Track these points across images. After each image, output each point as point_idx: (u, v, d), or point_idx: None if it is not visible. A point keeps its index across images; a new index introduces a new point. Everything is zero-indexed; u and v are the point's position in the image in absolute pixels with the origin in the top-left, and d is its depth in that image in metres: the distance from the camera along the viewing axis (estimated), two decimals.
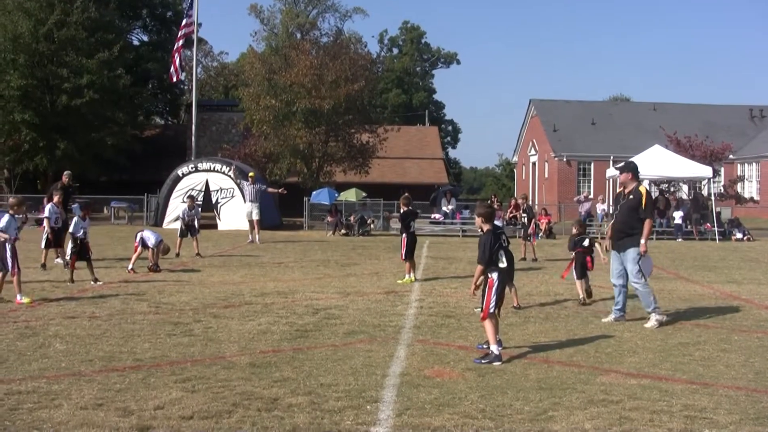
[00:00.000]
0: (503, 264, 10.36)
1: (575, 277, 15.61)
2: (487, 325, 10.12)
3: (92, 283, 16.88)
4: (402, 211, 18.91)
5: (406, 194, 19.56)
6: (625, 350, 10.85)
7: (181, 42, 48.39)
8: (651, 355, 10.51)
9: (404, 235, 18.52)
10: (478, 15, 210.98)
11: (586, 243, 16.03)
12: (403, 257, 18.49)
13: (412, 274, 18.39)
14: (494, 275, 10.26)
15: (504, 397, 8.29)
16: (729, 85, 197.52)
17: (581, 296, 15.32)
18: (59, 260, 20.10)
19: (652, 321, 12.80)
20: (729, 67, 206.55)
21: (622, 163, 14.13)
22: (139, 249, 19.57)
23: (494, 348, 10.01)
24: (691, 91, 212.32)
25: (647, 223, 12.92)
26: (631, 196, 13.08)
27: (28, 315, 12.98)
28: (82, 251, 17.49)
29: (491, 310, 10.13)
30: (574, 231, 16.29)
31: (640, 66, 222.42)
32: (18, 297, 14.17)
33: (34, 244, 21.95)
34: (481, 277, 10.41)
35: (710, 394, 8.52)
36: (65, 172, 23.15)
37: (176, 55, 48.90)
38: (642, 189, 13.12)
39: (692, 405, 8.08)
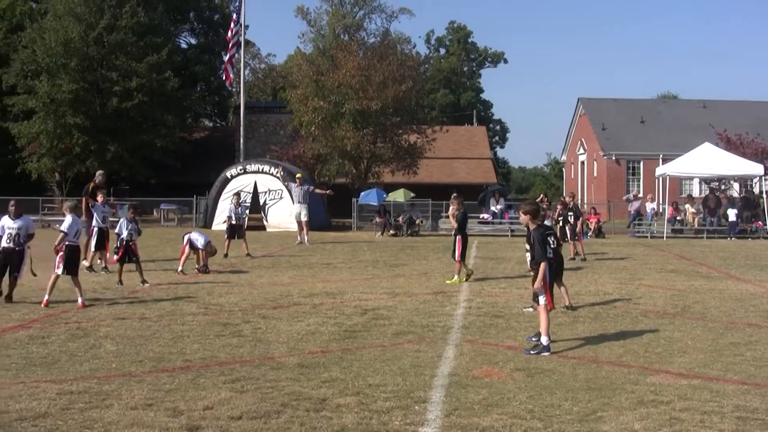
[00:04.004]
0: (550, 254, 10.85)
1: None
2: (544, 315, 10.33)
3: (141, 284, 17.01)
4: (458, 212, 18.64)
5: (456, 194, 19.44)
6: (675, 350, 10.75)
7: (233, 51, 48.96)
8: (702, 355, 10.40)
9: (459, 236, 18.45)
10: (524, 13, 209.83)
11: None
12: (459, 258, 18.44)
13: (461, 275, 18.33)
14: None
15: (553, 397, 8.26)
16: None
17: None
18: (100, 261, 20.00)
19: None
20: None
21: None
22: (187, 250, 19.68)
23: (544, 339, 10.24)
24: (741, 87, 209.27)
25: None
26: None
27: (79, 316, 13.13)
28: (126, 253, 17.49)
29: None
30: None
31: (688, 63, 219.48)
32: (46, 297, 14.14)
33: None
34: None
35: (762, 395, 8.42)
36: (98, 172, 23.16)
37: (229, 65, 49.73)
38: None
39: (744, 406, 8.00)
